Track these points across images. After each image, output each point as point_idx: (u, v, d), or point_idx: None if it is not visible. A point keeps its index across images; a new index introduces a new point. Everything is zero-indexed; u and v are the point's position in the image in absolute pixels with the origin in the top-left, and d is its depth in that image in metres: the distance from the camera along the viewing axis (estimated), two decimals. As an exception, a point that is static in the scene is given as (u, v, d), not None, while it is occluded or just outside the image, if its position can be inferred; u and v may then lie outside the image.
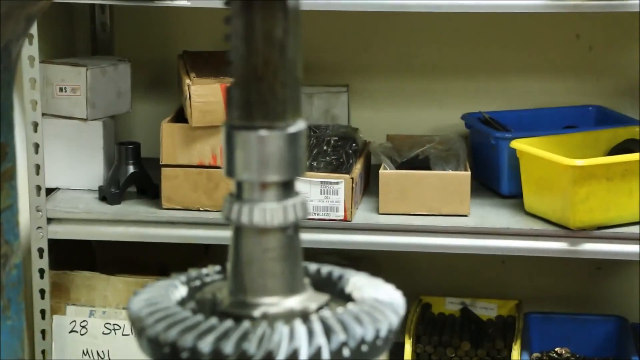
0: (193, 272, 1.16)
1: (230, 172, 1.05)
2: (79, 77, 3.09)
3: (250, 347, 0.98)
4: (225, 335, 0.99)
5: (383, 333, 1.03)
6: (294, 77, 1.04)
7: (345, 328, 1.01)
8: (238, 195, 1.06)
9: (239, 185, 1.06)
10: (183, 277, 1.15)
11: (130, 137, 3.32)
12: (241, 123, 1.04)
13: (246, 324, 1.00)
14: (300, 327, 1.00)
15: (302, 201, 1.06)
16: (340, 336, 1.00)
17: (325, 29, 3.30)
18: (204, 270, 1.17)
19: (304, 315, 1.04)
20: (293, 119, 1.06)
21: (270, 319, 1.03)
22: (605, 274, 3.42)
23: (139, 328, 1.04)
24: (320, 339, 0.99)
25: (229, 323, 1.01)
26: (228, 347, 0.98)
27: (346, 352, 1.00)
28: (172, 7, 2.94)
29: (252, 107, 1.04)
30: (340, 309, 1.05)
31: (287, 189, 1.06)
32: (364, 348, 1.01)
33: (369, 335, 1.01)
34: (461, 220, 2.93)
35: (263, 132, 1.03)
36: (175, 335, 1.00)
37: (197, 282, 1.15)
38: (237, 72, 1.03)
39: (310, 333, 1.00)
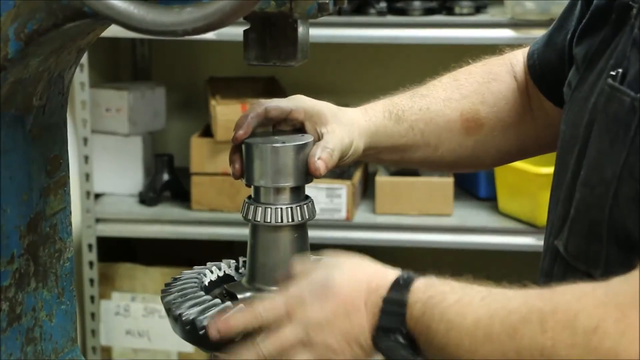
0: (221, 263, 1.16)
1: (249, 180, 1.05)
2: (122, 100, 3.09)
3: None
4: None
5: None
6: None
7: None
8: (255, 199, 1.06)
9: (256, 190, 1.06)
10: (213, 267, 1.15)
11: (165, 149, 3.32)
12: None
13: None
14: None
15: (309, 203, 1.06)
16: None
17: (329, 57, 3.30)
18: (230, 261, 1.17)
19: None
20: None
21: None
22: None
23: (167, 310, 1.05)
24: None
25: (227, 305, 1.01)
26: None
27: None
28: (201, 40, 2.94)
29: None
30: None
31: (296, 193, 1.06)
32: None
33: None
34: (445, 220, 2.93)
35: (277, 144, 1.03)
36: (194, 315, 1.01)
37: (223, 272, 1.15)
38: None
39: None
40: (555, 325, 0.92)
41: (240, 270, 1.14)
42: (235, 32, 1.04)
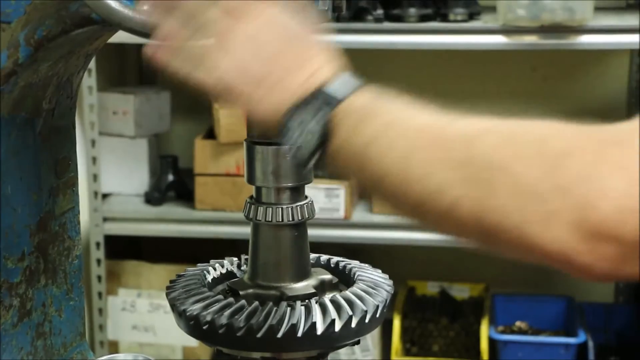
0: (224, 260, 1.16)
1: (251, 179, 1.05)
2: (128, 103, 3.10)
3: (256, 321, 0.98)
4: (221, 310, 0.99)
5: (380, 308, 1.03)
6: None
7: (351, 305, 1.01)
8: (256, 199, 1.06)
9: (258, 190, 1.06)
10: (216, 264, 1.15)
11: (169, 151, 3.32)
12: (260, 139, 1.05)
13: (255, 303, 1.00)
14: (314, 305, 1.00)
15: (308, 203, 1.06)
16: (348, 311, 1.00)
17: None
18: (232, 259, 1.17)
19: (313, 296, 1.04)
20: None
21: (286, 299, 1.03)
22: (557, 262, 3.41)
23: (172, 305, 1.05)
24: (333, 314, 0.99)
25: (229, 301, 1.01)
26: (223, 320, 0.99)
27: (353, 324, 1.00)
28: (204, 46, 2.95)
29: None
30: (345, 291, 1.05)
31: (296, 193, 1.06)
32: (367, 320, 1.01)
33: (370, 310, 1.01)
34: (440, 219, 2.92)
35: (277, 146, 1.03)
36: (197, 311, 1.01)
37: (226, 269, 1.15)
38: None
39: (324, 309, 1.00)
40: (520, 140, 0.79)
41: (242, 268, 1.14)
42: (237, 38, 1.04)
